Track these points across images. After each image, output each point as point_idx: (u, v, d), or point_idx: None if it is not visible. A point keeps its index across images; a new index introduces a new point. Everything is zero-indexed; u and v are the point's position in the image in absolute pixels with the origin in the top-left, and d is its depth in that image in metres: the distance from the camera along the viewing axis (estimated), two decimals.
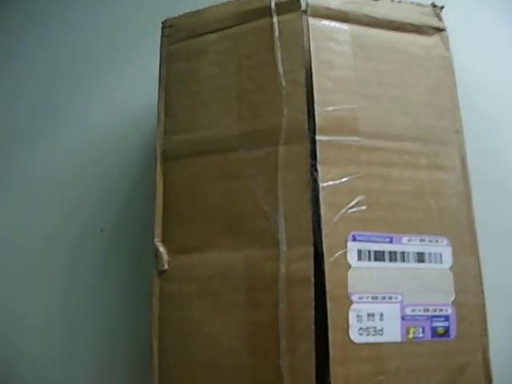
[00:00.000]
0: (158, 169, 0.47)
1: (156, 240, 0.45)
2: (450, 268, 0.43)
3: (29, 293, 0.61)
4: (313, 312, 0.39)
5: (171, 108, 0.48)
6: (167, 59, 0.49)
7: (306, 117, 0.42)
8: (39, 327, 0.59)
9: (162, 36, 0.50)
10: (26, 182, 0.66)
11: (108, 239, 0.60)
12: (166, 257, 0.45)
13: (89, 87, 0.68)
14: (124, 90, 0.66)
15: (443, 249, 0.43)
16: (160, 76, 0.49)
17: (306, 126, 0.42)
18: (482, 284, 0.43)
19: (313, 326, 0.39)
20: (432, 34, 0.48)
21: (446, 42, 0.48)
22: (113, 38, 0.70)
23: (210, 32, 0.47)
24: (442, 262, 0.43)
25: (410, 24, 0.47)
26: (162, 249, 0.45)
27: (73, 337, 0.58)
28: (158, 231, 0.46)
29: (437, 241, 0.43)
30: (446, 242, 0.43)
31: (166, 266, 0.44)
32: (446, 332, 0.42)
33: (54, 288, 0.60)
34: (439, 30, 0.48)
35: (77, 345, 0.58)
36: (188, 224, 0.45)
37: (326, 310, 0.39)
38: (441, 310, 0.42)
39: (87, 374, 0.57)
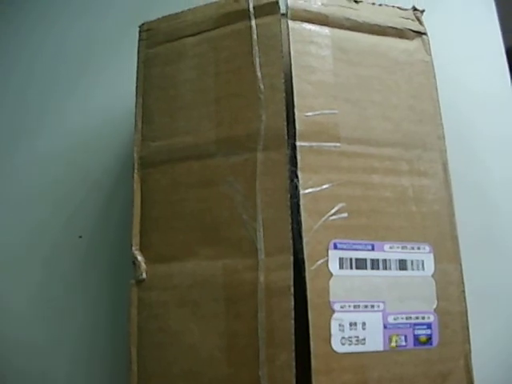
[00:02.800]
0: (136, 176, 0.46)
1: (134, 248, 0.44)
2: (432, 275, 0.42)
3: (4, 299, 0.59)
4: (292, 322, 0.38)
5: (149, 113, 0.47)
6: (145, 63, 0.48)
7: (285, 122, 0.41)
8: (15, 337, 0.58)
9: (140, 40, 0.49)
10: (1, 189, 0.64)
11: (86, 246, 0.59)
12: (143, 266, 0.44)
13: (65, 92, 0.67)
14: (100, 95, 0.65)
15: (425, 256, 0.42)
16: (137, 81, 0.48)
17: (285, 131, 0.41)
18: (463, 291, 0.43)
19: (292, 336, 0.38)
20: (413, 38, 0.47)
21: (427, 47, 0.47)
22: (89, 40, 0.68)
23: (189, 35, 0.47)
24: (424, 270, 0.42)
25: (391, 28, 0.46)
26: (139, 257, 0.44)
27: (49, 344, 0.57)
28: (135, 239, 0.45)
29: (419, 248, 0.42)
30: (428, 248, 0.43)
31: (144, 275, 0.43)
32: (429, 340, 0.41)
33: (30, 294, 0.59)
34: (420, 33, 0.47)
35: (53, 352, 0.57)
36: (166, 232, 0.44)
37: (307, 319, 0.38)
38: (423, 318, 0.41)
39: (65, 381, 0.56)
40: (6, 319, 0.58)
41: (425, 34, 0.47)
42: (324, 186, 0.41)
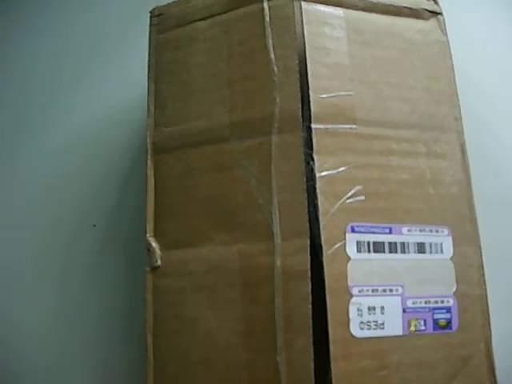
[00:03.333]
0: (149, 162, 0.45)
1: (148, 235, 0.44)
2: (451, 258, 0.42)
3: (22, 290, 0.59)
4: (310, 306, 0.38)
5: (161, 99, 0.46)
6: (156, 49, 0.47)
7: (300, 104, 0.41)
8: (33, 324, 0.58)
9: (151, 25, 0.48)
10: (16, 181, 0.64)
11: (101, 235, 0.59)
12: (158, 252, 0.43)
13: (76, 81, 0.66)
14: (112, 83, 0.64)
15: (444, 239, 0.42)
16: (149, 66, 0.47)
17: (300, 113, 0.40)
18: (483, 274, 0.42)
19: (310, 321, 0.37)
20: (428, 18, 0.46)
21: (442, 27, 0.46)
22: (97, 28, 0.68)
23: (200, 19, 0.46)
24: (442, 253, 0.42)
25: (406, 8, 0.45)
26: (154, 244, 0.43)
27: (67, 334, 0.57)
28: (149, 226, 0.44)
29: (437, 231, 0.42)
30: (446, 231, 0.42)
31: (159, 262, 0.43)
32: (448, 324, 0.40)
33: (48, 285, 0.59)
34: (435, 13, 0.46)
35: (71, 342, 0.57)
36: (180, 218, 0.43)
37: (325, 304, 0.38)
38: (442, 302, 0.41)
39: (83, 370, 0.56)
40: (26, 310, 0.58)
41: (440, 13, 0.46)
42: (340, 169, 0.40)
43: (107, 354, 0.56)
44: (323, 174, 0.40)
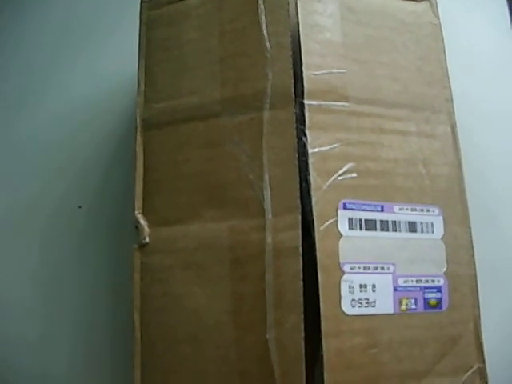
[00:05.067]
0: (139, 138, 0.45)
1: (136, 212, 0.43)
2: (442, 238, 0.42)
3: (3, 270, 0.58)
4: (301, 283, 0.37)
5: (152, 75, 0.46)
6: (147, 25, 0.47)
7: (293, 81, 0.40)
8: (16, 305, 0.57)
9: (142, 2, 0.47)
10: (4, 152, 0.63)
11: (86, 213, 0.58)
12: (147, 229, 0.42)
13: (70, 56, 0.65)
14: (104, 60, 0.63)
15: (435, 218, 0.42)
16: (140, 43, 0.47)
17: (293, 90, 0.40)
18: (473, 255, 0.42)
19: (301, 298, 0.37)
20: (421, 1, 0.46)
21: (434, 9, 0.46)
22: (94, 5, 0.67)
23: None
24: (433, 232, 0.41)
25: None
26: (142, 221, 0.43)
27: (52, 314, 0.56)
28: (138, 203, 0.43)
29: (428, 210, 0.42)
30: (437, 211, 0.42)
31: (148, 239, 0.42)
32: (439, 303, 0.40)
33: (31, 265, 0.58)
34: None
35: (56, 322, 0.56)
36: (169, 194, 0.42)
37: (315, 281, 0.37)
38: (433, 281, 0.40)
39: (67, 349, 0.55)
40: (5, 286, 0.57)
41: None
42: (333, 145, 0.40)
43: (92, 333, 0.55)
44: (316, 150, 0.39)
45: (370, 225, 0.40)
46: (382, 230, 0.40)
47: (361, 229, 0.39)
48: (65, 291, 0.56)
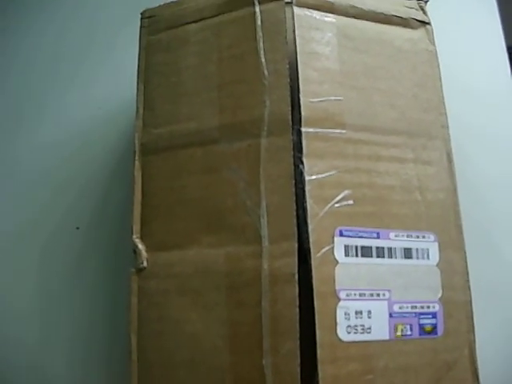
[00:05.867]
0: (137, 163, 0.45)
1: (134, 236, 0.43)
2: (437, 264, 0.42)
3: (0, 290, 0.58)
4: (297, 310, 0.37)
5: (150, 100, 0.46)
6: (146, 50, 0.47)
7: (290, 108, 0.41)
8: (11, 329, 0.56)
9: (141, 27, 0.48)
10: (2, 175, 0.63)
11: (84, 237, 0.58)
12: (144, 254, 0.43)
13: (66, 80, 0.66)
14: (102, 84, 0.64)
15: (430, 245, 0.42)
16: (139, 68, 0.47)
17: (290, 117, 0.41)
18: (468, 280, 0.42)
19: (297, 324, 0.37)
20: (417, 28, 0.47)
21: (430, 36, 0.47)
22: (90, 29, 0.68)
23: (191, 22, 0.46)
24: (429, 259, 0.42)
25: (396, 16, 0.46)
26: (140, 245, 0.43)
27: (47, 336, 0.56)
28: (136, 227, 0.44)
29: (424, 236, 0.42)
30: (432, 237, 0.42)
31: (145, 264, 0.42)
32: (434, 329, 0.41)
33: (28, 285, 0.58)
34: (424, 23, 0.47)
35: (52, 343, 0.56)
36: (167, 220, 0.43)
37: (311, 308, 0.38)
38: (428, 307, 0.41)
39: (65, 373, 0.55)
40: (2, 310, 0.57)
41: (429, 23, 0.47)
42: (329, 173, 0.40)
43: (89, 357, 0.55)
44: (313, 177, 0.40)
45: (365, 252, 0.40)
46: (378, 256, 0.40)
47: (357, 255, 0.40)
48: (61, 312, 0.56)
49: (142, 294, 0.42)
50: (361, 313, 0.39)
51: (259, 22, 0.43)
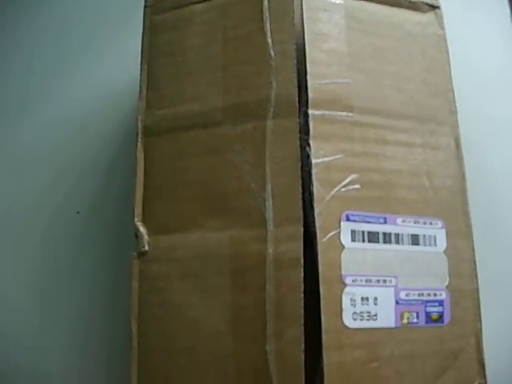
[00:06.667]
0: (139, 145, 0.44)
1: (136, 220, 0.43)
2: (444, 251, 0.41)
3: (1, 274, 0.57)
4: (302, 295, 0.37)
5: (154, 81, 0.45)
6: (150, 30, 0.46)
7: (297, 89, 0.40)
8: (10, 313, 0.56)
9: (145, 6, 0.47)
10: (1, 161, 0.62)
11: (85, 219, 0.57)
12: (146, 237, 0.42)
13: (71, 61, 0.65)
14: (105, 66, 0.63)
15: (437, 231, 0.41)
16: (142, 48, 0.46)
17: (297, 99, 0.40)
18: (475, 268, 0.42)
19: (302, 310, 0.37)
20: (426, 11, 0.46)
21: (440, 20, 0.46)
22: (95, 11, 0.66)
23: (197, 2, 0.45)
24: (436, 245, 0.41)
25: (405, 0, 0.45)
26: (142, 229, 0.42)
27: (47, 321, 0.55)
28: (137, 210, 0.43)
29: (431, 223, 0.41)
30: (440, 224, 0.41)
31: (147, 247, 0.42)
32: (440, 317, 0.40)
33: (29, 269, 0.57)
34: (433, 7, 0.46)
35: (52, 329, 0.55)
36: (170, 202, 0.42)
37: (316, 293, 0.37)
38: (435, 295, 0.40)
39: (62, 359, 0.54)
40: (2, 294, 0.56)
41: (438, 7, 0.46)
42: (336, 156, 0.39)
43: (88, 342, 0.54)
44: (319, 160, 0.39)
45: (372, 237, 0.39)
46: (385, 242, 0.40)
47: (363, 241, 0.39)
48: (62, 296, 0.55)
49: (144, 278, 0.41)
50: (367, 299, 0.38)
51: (266, 3, 0.42)
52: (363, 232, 0.39)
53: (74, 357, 0.53)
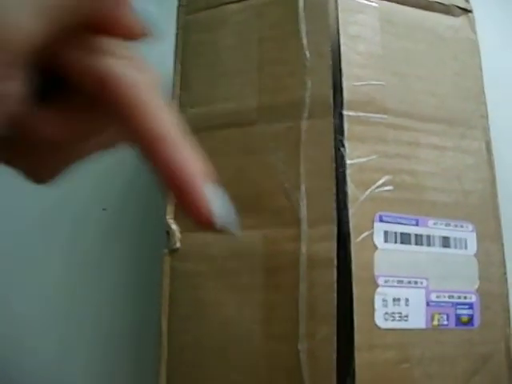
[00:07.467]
0: None
1: (168, 217, 0.43)
2: (475, 255, 0.41)
3: (25, 273, 0.57)
4: (335, 294, 0.37)
5: (188, 80, 0.45)
6: (184, 30, 0.47)
7: (332, 90, 0.40)
8: (36, 309, 0.56)
9: (179, 5, 0.47)
10: None
11: (111, 216, 0.57)
12: (178, 235, 0.42)
13: None
14: None
15: (468, 234, 0.41)
16: (176, 47, 0.46)
17: (332, 99, 0.40)
18: (505, 272, 0.42)
19: (335, 309, 0.37)
20: (459, 15, 0.46)
21: (472, 25, 0.46)
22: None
23: (231, 2, 0.45)
24: (466, 248, 0.41)
25: (438, 3, 0.45)
26: (174, 226, 0.42)
27: (72, 319, 0.55)
28: (169, 208, 0.43)
29: (462, 226, 0.41)
30: (470, 227, 0.42)
31: (178, 245, 0.42)
32: (470, 320, 0.40)
33: (55, 267, 0.57)
34: (466, 11, 0.46)
35: (76, 327, 0.55)
36: None
37: (348, 293, 0.37)
38: (465, 298, 0.40)
39: (90, 354, 0.54)
40: (30, 288, 0.56)
41: (470, 11, 0.46)
42: (370, 157, 0.40)
43: (115, 341, 0.54)
44: (354, 161, 0.39)
45: (404, 238, 0.39)
46: (417, 244, 0.40)
47: (396, 242, 0.39)
48: (88, 295, 0.55)
49: (174, 275, 0.42)
50: (398, 300, 0.38)
51: (301, 4, 0.42)
52: (396, 233, 0.39)
53: (100, 353, 0.53)
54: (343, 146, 0.39)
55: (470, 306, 0.40)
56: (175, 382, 0.41)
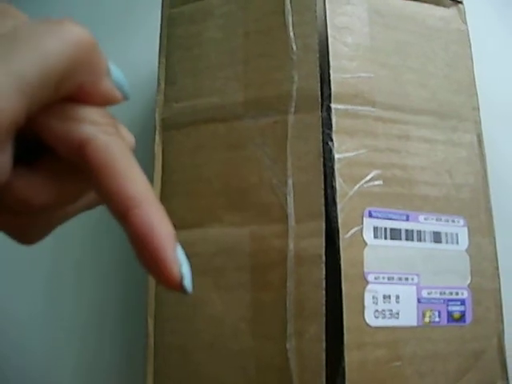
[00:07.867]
0: (157, 138, 0.43)
1: None
2: (466, 250, 0.40)
3: (15, 273, 0.56)
4: (323, 292, 0.36)
5: (172, 74, 0.44)
6: (168, 23, 0.46)
7: (319, 84, 0.39)
8: (25, 309, 0.55)
9: None
10: None
11: (99, 213, 0.56)
12: None
13: None
14: (123, 56, 0.62)
15: (459, 229, 0.41)
16: (160, 40, 0.46)
17: (319, 93, 0.39)
18: (497, 267, 0.41)
19: (323, 307, 0.36)
20: (449, 6, 0.45)
21: (463, 16, 0.45)
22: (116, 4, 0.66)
23: None
24: (458, 243, 0.40)
25: None
26: None
27: (61, 317, 0.54)
28: None
29: (453, 221, 0.41)
30: (462, 222, 0.41)
31: None
32: (462, 317, 0.39)
33: (39, 272, 0.56)
34: (456, 2, 0.45)
35: (64, 326, 0.54)
36: (188, 197, 0.41)
37: (337, 290, 0.36)
38: (457, 294, 0.39)
39: (76, 348, 0.53)
40: (20, 292, 0.56)
41: (461, 2, 0.45)
42: (359, 151, 0.39)
43: (102, 338, 0.53)
44: (342, 155, 0.38)
45: (395, 234, 0.39)
46: (407, 239, 0.39)
47: (386, 238, 0.38)
48: (76, 294, 0.55)
49: None
50: (389, 297, 0.38)
51: None
52: (385, 229, 0.38)
53: (88, 354, 0.53)
54: (331, 140, 0.38)
55: (462, 302, 0.39)
56: (162, 383, 0.40)
